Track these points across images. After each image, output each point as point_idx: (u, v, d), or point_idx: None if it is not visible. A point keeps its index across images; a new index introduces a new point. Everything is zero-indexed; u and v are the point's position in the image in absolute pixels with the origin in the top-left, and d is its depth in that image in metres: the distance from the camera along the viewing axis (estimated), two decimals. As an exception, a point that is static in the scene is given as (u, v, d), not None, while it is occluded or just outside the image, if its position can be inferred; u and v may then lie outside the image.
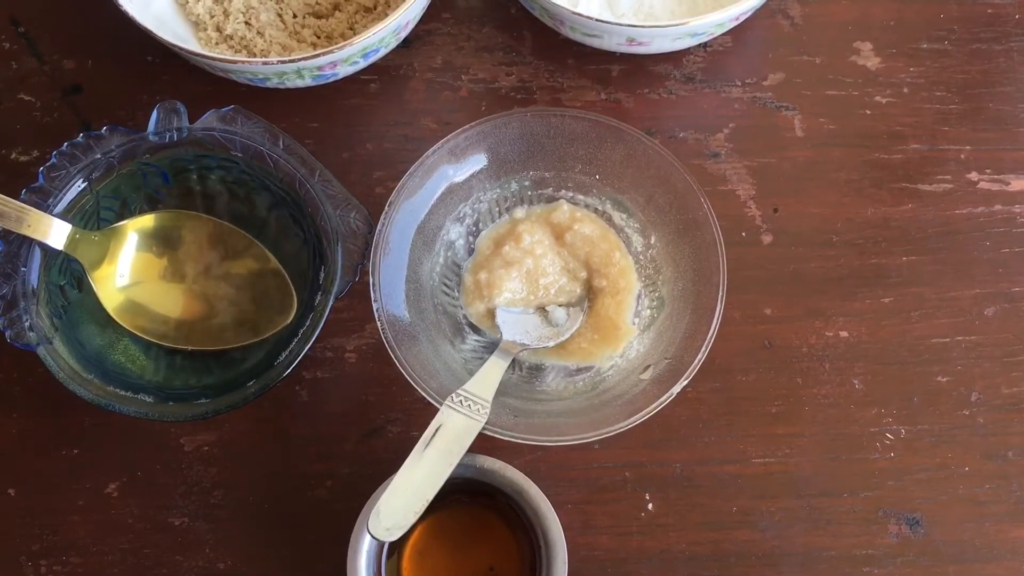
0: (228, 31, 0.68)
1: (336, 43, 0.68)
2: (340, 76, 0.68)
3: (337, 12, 0.70)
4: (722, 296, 0.58)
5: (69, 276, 0.61)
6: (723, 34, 0.71)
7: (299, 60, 0.62)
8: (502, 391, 0.58)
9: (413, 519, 0.51)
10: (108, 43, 0.72)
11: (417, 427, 0.63)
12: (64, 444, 0.63)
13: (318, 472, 0.63)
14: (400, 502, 0.51)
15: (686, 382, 0.56)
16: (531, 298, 0.63)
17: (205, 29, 0.69)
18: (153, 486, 0.63)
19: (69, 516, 0.62)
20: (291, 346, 0.58)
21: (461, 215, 0.64)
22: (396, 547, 0.58)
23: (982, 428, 0.64)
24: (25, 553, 0.61)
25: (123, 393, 0.58)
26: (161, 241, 0.62)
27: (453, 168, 0.62)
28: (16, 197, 0.58)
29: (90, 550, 0.62)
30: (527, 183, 0.65)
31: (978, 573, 0.61)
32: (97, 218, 0.62)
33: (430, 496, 0.52)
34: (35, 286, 0.59)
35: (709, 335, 0.57)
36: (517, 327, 0.62)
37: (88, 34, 0.73)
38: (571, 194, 0.65)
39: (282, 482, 0.63)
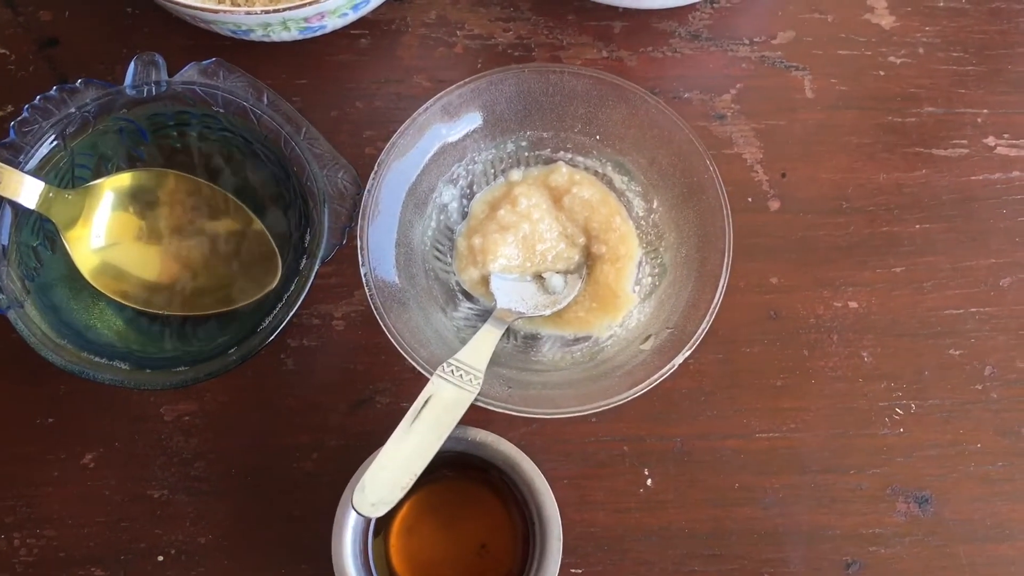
0: (211, -19, 0.65)
1: (325, -5, 0.65)
2: (329, 29, 0.64)
3: (326, -38, 0.67)
4: (727, 263, 0.55)
5: (42, 237, 0.58)
6: (731, -10, 0.68)
7: (284, 10, 0.59)
8: (496, 361, 0.56)
9: (400, 494, 0.49)
10: (86, -7, 0.69)
11: (407, 397, 0.61)
12: (38, 413, 0.61)
13: (304, 444, 0.60)
14: (386, 476, 0.49)
15: (688, 353, 0.54)
16: (527, 264, 0.60)
17: (187, -21, 0.66)
18: (131, 457, 0.60)
19: (43, 488, 0.60)
20: (275, 312, 0.56)
21: (454, 176, 0.61)
22: (384, 523, 0.56)
23: (995, 403, 0.61)
24: (-2, 525, 0.59)
25: (98, 360, 0.55)
26: (139, 201, 0.59)
27: (446, 127, 0.59)
28: (-15, 153, 0.55)
29: (65, 523, 0.59)
30: (524, 143, 0.62)
31: (989, 553, 0.59)
32: (72, 176, 0.59)
33: (418, 470, 0.50)
34: (6, 246, 0.56)
35: (713, 304, 0.54)
36: (512, 294, 0.59)
37: (65, -16, 0.69)
38: (570, 155, 0.62)
39: (266, 454, 0.60)
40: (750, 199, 0.65)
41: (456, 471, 0.57)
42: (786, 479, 0.60)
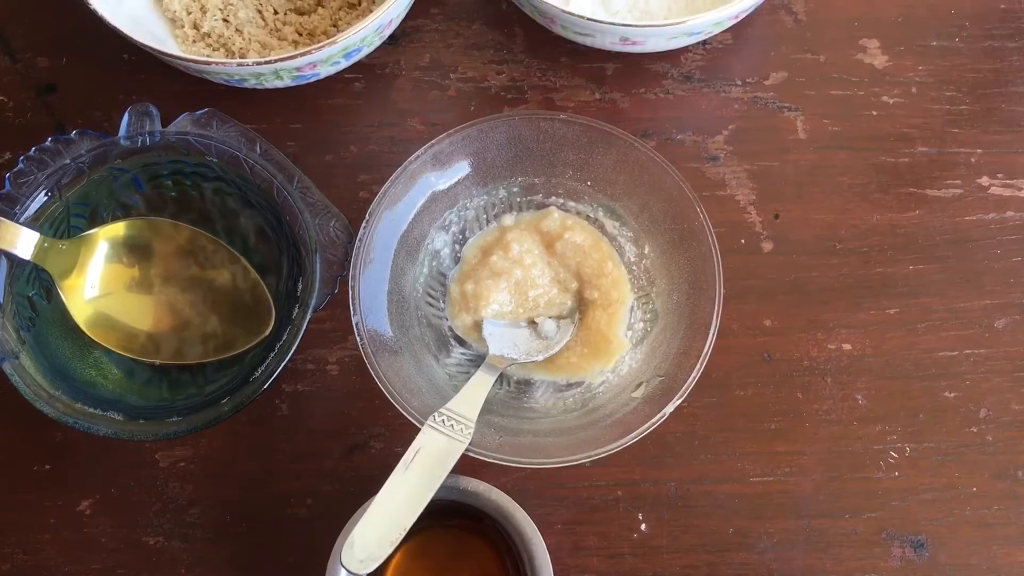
0: (205, 28, 0.65)
1: (319, 40, 0.66)
2: (322, 76, 0.65)
3: (320, 8, 0.67)
4: (718, 311, 0.55)
5: (38, 287, 0.59)
6: (723, 31, 0.68)
7: (276, 61, 0.59)
8: (488, 409, 0.56)
9: (389, 550, 0.49)
10: (83, 40, 0.69)
11: (402, 443, 0.61)
12: (35, 460, 0.61)
13: (298, 489, 0.61)
14: (376, 532, 0.49)
15: (679, 402, 0.54)
16: (520, 310, 0.60)
17: (182, 27, 0.66)
18: (127, 503, 0.61)
19: (40, 534, 0.60)
20: (267, 361, 0.56)
21: (447, 223, 0.62)
22: (377, 571, 0.55)
23: (991, 446, 0.61)
24: (-6, 573, 0.59)
25: (92, 411, 0.55)
26: (133, 250, 0.60)
27: (436, 175, 0.60)
28: (-19, 204, 0.56)
29: (62, 570, 0.60)
30: (516, 189, 0.62)
31: (985, 598, 0.59)
32: (67, 226, 0.59)
33: (408, 524, 0.50)
34: (1, 298, 0.56)
35: (704, 353, 0.54)
36: (505, 340, 0.59)
37: (63, 31, 0.70)
38: (562, 201, 0.62)
39: (261, 500, 0.61)
40: (743, 241, 0.65)
41: (449, 519, 0.57)
42: (781, 524, 0.60)
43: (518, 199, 0.62)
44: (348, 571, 0.49)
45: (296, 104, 0.68)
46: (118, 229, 0.59)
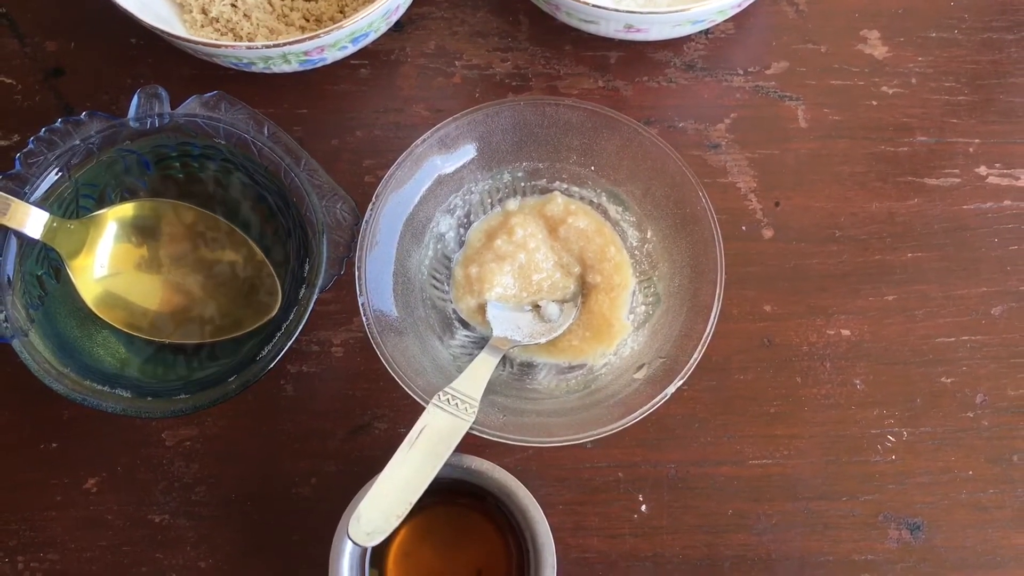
0: (213, 13, 0.66)
1: (326, 26, 0.66)
2: (329, 61, 0.65)
3: (327, -6, 0.68)
4: (719, 295, 0.56)
5: (47, 266, 0.59)
6: (725, 21, 0.69)
7: (284, 45, 0.60)
8: (491, 389, 0.56)
9: (395, 524, 0.50)
10: (91, 24, 0.70)
11: (405, 423, 0.62)
12: (42, 438, 0.62)
13: (303, 469, 0.61)
14: (382, 506, 0.50)
15: (680, 383, 0.54)
16: (523, 294, 0.61)
17: (190, 11, 0.67)
18: (133, 482, 0.61)
19: (46, 512, 0.61)
20: (274, 341, 0.56)
21: (452, 206, 0.62)
22: (381, 548, 0.56)
23: (987, 431, 0.62)
24: (1, 549, 0.60)
25: (100, 388, 0.56)
26: (141, 230, 0.60)
27: (442, 158, 0.60)
28: (-7, 184, 0.56)
29: (68, 547, 0.60)
30: (520, 174, 0.63)
31: (980, 581, 0.59)
32: (76, 206, 0.60)
33: (413, 500, 0.50)
34: (11, 276, 0.57)
35: (705, 335, 0.55)
36: (508, 323, 0.60)
37: (71, 14, 0.71)
38: (566, 186, 0.63)
39: (266, 479, 0.61)
40: (744, 227, 0.66)
41: (453, 498, 0.57)
42: (779, 506, 0.61)
43: (522, 184, 0.63)
44: (355, 543, 0.49)
45: (302, 89, 0.69)
46: (127, 210, 0.60)
